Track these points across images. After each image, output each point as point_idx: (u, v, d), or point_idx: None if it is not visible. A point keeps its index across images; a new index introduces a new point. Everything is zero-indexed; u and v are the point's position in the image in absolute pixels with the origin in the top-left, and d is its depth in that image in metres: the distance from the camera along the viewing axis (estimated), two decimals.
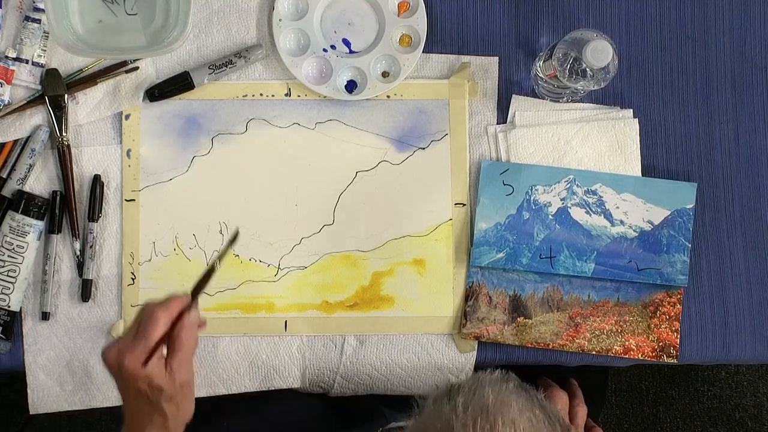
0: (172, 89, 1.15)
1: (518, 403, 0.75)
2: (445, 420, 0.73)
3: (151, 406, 0.92)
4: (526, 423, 0.73)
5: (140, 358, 0.90)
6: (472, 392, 0.76)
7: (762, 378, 1.95)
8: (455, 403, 0.75)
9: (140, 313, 0.94)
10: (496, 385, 0.77)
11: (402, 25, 1.17)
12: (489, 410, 0.73)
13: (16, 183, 1.13)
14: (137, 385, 0.90)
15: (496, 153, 1.18)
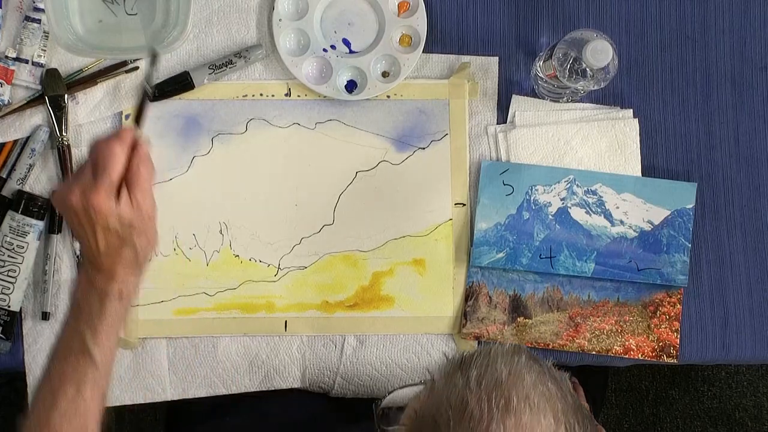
0: (172, 89, 1.15)
1: (531, 377, 0.74)
2: (459, 395, 0.73)
3: (121, 242, 0.90)
4: (540, 396, 0.72)
5: (109, 196, 0.88)
6: (485, 366, 0.75)
7: (762, 378, 1.95)
8: (468, 377, 0.74)
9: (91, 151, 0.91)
10: (509, 358, 0.76)
11: (402, 25, 1.17)
12: (503, 385, 0.73)
13: (16, 183, 1.13)
14: (107, 223, 0.88)
15: (496, 153, 1.18)
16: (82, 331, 0.90)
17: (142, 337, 1.14)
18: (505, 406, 0.71)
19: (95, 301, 0.90)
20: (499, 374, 0.74)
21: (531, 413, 0.71)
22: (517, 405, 0.71)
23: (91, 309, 0.90)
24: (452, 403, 0.72)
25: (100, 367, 0.90)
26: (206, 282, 1.15)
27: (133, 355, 1.15)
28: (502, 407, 0.71)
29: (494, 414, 0.70)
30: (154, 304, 1.15)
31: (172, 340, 1.15)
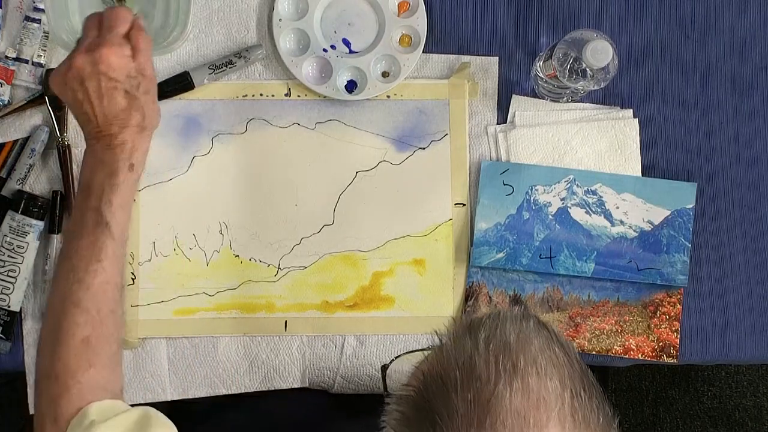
0: (172, 89, 1.15)
1: (539, 341, 0.74)
2: (467, 356, 0.73)
3: (129, 103, 0.90)
4: (547, 360, 0.73)
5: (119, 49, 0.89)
6: (494, 329, 0.75)
7: (762, 378, 1.95)
8: (477, 339, 0.74)
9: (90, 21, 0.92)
10: (517, 322, 0.76)
11: (402, 25, 1.17)
12: (511, 348, 0.73)
13: (16, 183, 1.13)
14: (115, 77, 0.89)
15: (496, 153, 1.18)
16: (96, 206, 0.90)
17: (142, 337, 1.15)
18: (513, 368, 0.71)
19: (106, 177, 0.91)
20: (508, 337, 0.74)
21: (538, 376, 0.71)
22: (524, 368, 0.71)
23: (103, 185, 0.91)
24: (460, 364, 0.72)
25: (116, 237, 0.91)
26: (206, 282, 1.15)
27: (133, 355, 1.15)
28: (509, 369, 0.71)
29: (501, 376, 0.70)
30: (154, 304, 1.15)
31: (172, 340, 1.15)
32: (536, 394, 0.70)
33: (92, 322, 0.90)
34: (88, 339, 0.89)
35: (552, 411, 0.70)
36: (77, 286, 0.90)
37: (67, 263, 0.91)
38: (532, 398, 0.70)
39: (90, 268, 0.90)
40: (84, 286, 0.90)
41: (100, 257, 0.90)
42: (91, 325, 0.90)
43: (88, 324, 0.89)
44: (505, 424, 0.68)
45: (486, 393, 0.70)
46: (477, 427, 0.68)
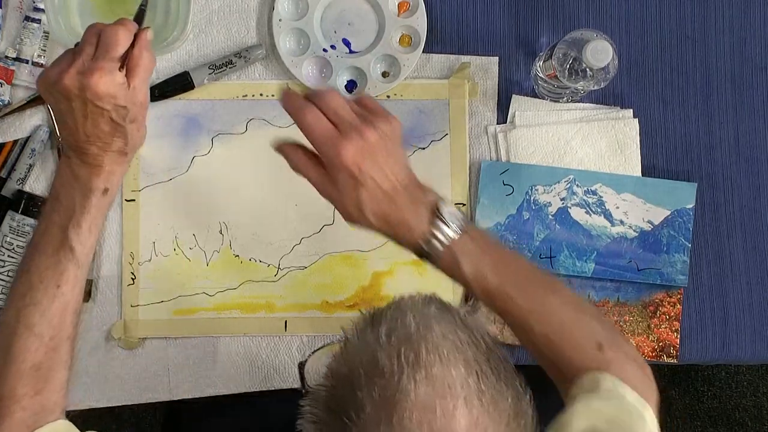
0: (172, 89, 1.15)
1: (440, 327, 0.74)
2: (370, 352, 0.72)
3: (112, 129, 0.88)
4: (450, 346, 0.72)
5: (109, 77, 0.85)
6: (395, 320, 0.75)
7: (762, 378, 1.95)
8: (379, 333, 0.73)
9: (89, 34, 0.88)
10: (418, 310, 0.76)
11: (402, 25, 1.17)
12: (413, 338, 0.72)
13: (16, 183, 1.13)
14: (102, 105, 0.86)
15: (496, 153, 1.18)
16: (64, 225, 0.88)
17: (142, 337, 1.15)
18: (415, 359, 0.71)
19: (78, 195, 0.89)
20: (409, 328, 0.73)
21: (441, 364, 0.71)
22: (426, 358, 0.71)
23: (74, 203, 0.88)
24: (364, 361, 0.72)
25: (81, 263, 0.89)
26: (206, 282, 1.15)
27: (133, 355, 1.15)
28: (412, 361, 0.71)
29: (404, 369, 0.70)
30: (154, 304, 1.15)
31: (172, 340, 1.15)
32: (441, 382, 0.70)
33: (45, 348, 0.88)
34: (39, 366, 0.87)
35: (458, 398, 0.69)
36: (33, 309, 0.88)
37: (25, 278, 0.89)
38: (437, 388, 0.69)
39: (49, 292, 0.88)
40: (40, 310, 0.88)
41: (60, 282, 0.88)
42: (43, 351, 0.88)
43: (40, 350, 0.87)
44: (412, 418, 0.68)
45: (391, 388, 0.69)
46: (385, 423, 0.68)
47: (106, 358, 1.14)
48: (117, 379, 1.14)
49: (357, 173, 0.87)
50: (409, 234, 0.89)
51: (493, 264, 0.89)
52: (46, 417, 0.87)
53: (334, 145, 0.87)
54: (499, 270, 0.89)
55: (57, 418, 0.88)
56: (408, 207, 0.88)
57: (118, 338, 1.14)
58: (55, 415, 0.88)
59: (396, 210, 0.88)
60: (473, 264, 0.88)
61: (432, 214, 0.88)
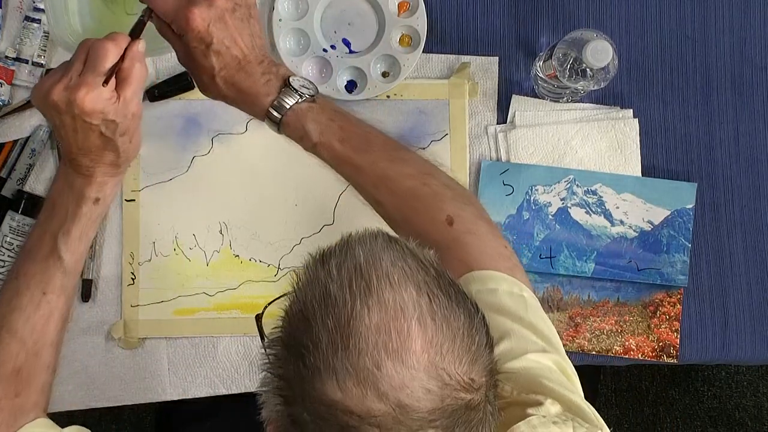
0: (172, 89, 1.15)
1: (389, 255, 0.75)
2: (321, 285, 0.74)
3: (103, 143, 0.88)
4: (400, 273, 0.73)
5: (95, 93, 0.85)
6: (344, 254, 0.76)
7: (762, 378, 1.95)
8: (329, 268, 0.75)
9: (80, 49, 0.88)
10: (366, 243, 0.77)
11: (402, 25, 1.17)
12: (362, 269, 0.73)
13: (16, 183, 1.13)
14: (90, 121, 0.86)
15: (496, 153, 1.18)
16: (54, 233, 0.88)
17: (142, 337, 1.14)
18: (366, 287, 0.72)
19: (71, 203, 0.89)
20: (358, 258, 0.74)
21: (392, 289, 0.72)
22: (377, 284, 0.72)
23: (66, 211, 0.89)
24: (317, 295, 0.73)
25: (69, 271, 0.89)
26: (206, 282, 1.15)
27: (133, 355, 1.15)
28: (363, 289, 0.72)
29: (357, 297, 0.71)
30: (154, 304, 1.15)
31: (172, 340, 1.15)
32: (393, 305, 0.71)
33: (27, 353, 0.88)
34: (19, 370, 0.88)
35: (411, 318, 0.71)
36: (18, 314, 0.88)
37: (13, 284, 0.89)
38: (389, 311, 0.71)
39: (34, 298, 0.88)
40: (24, 316, 0.88)
41: (47, 289, 0.88)
42: (24, 355, 0.88)
43: (21, 354, 0.88)
44: (368, 342, 0.69)
45: (344, 316, 0.71)
46: (343, 349, 0.69)
47: (106, 358, 1.14)
48: (117, 379, 1.14)
49: (206, 36, 0.89)
50: (258, 101, 0.92)
51: (340, 131, 0.92)
52: (25, 417, 0.88)
53: (183, 11, 0.89)
54: (346, 137, 0.92)
55: (36, 417, 0.89)
56: (258, 76, 0.91)
57: (118, 338, 1.14)
58: (34, 414, 0.89)
59: (246, 77, 0.91)
60: (320, 131, 0.91)
61: (282, 83, 0.91)
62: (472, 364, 0.71)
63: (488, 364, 0.73)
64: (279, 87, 0.91)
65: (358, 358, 0.69)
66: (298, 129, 0.93)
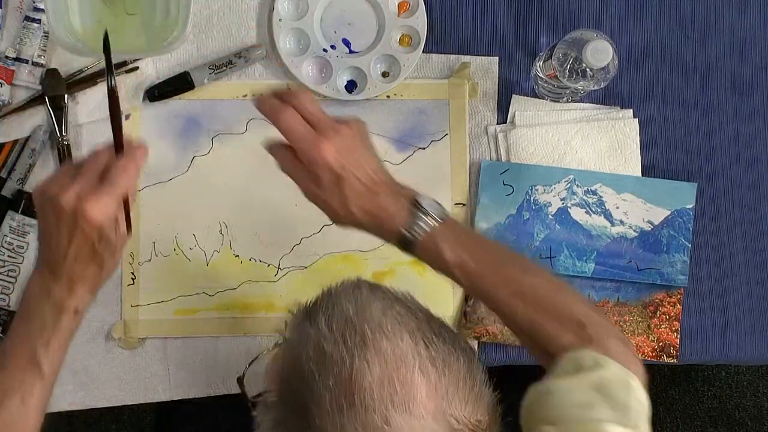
0: (172, 89, 1.15)
1: (378, 305, 0.75)
2: (314, 343, 0.73)
3: (91, 257, 0.86)
4: (392, 321, 0.73)
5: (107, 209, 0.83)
6: (331, 308, 0.75)
7: (762, 378, 1.95)
8: (318, 324, 0.74)
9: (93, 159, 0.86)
10: (350, 295, 0.77)
11: (402, 25, 1.17)
12: (353, 321, 0.73)
13: (16, 183, 1.13)
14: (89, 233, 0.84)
15: (496, 153, 1.18)
16: (33, 342, 0.87)
17: (142, 337, 1.15)
18: (362, 341, 0.72)
19: (49, 313, 0.87)
20: (347, 312, 0.74)
21: (388, 340, 0.72)
22: (372, 336, 0.72)
23: (45, 320, 0.87)
24: (311, 355, 0.73)
25: (46, 379, 0.87)
26: (206, 282, 1.15)
27: (133, 355, 1.15)
28: (358, 344, 0.72)
29: (353, 351, 0.71)
30: (154, 304, 1.15)
31: (172, 340, 1.15)
32: (392, 356, 0.71)
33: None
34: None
35: (413, 367, 0.70)
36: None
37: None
38: (390, 362, 0.70)
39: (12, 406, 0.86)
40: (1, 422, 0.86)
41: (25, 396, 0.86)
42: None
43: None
44: (373, 397, 0.69)
45: (345, 373, 0.70)
46: (348, 408, 0.69)
47: (106, 358, 1.14)
48: (117, 379, 1.14)
49: (339, 169, 0.88)
50: (391, 224, 0.90)
51: (472, 249, 0.90)
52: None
53: (314, 144, 0.88)
54: (478, 255, 0.90)
55: None
56: (388, 199, 0.91)
57: (118, 338, 1.14)
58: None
59: (378, 203, 0.90)
60: (453, 250, 0.89)
61: (411, 204, 0.90)
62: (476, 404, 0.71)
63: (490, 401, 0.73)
64: (408, 208, 0.90)
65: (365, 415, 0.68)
66: (431, 250, 0.90)
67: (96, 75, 1.15)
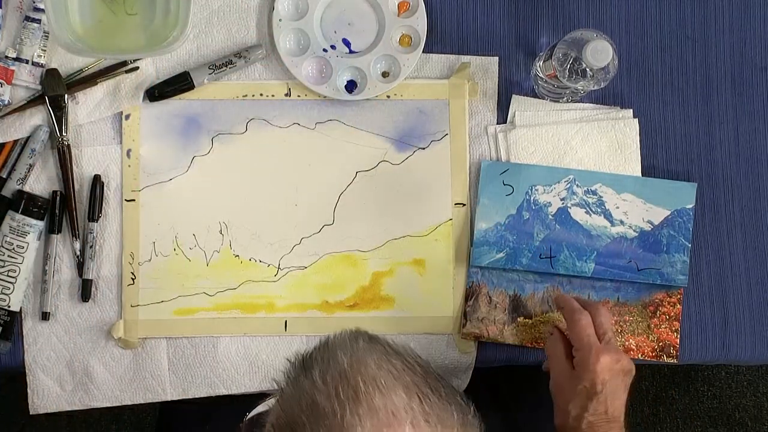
0: (172, 89, 1.15)
1: (374, 359, 0.74)
2: (308, 396, 0.73)
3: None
4: (387, 375, 0.73)
5: None
6: (326, 361, 0.75)
7: (762, 378, 1.95)
8: (313, 377, 0.74)
9: None
10: (347, 346, 0.76)
11: (402, 25, 1.17)
12: (348, 375, 0.73)
13: (16, 183, 1.13)
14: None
15: (496, 153, 1.18)
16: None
17: (142, 337, 1.15)
18: (354, 395, 0.71)
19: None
20: (342, 364, 0.74)
21: (381, 395, 0.71)
22: (365, 390, 0.71)
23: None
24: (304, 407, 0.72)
25: None
26: (206, 282, 1.15)
27: (133, 355, 1.15)
28: (351, 397, 0.71)
29: (346, 405, 0.70)
30: (154, 304, 1.15)
31: (172, 340, 1.15)
32: (384, 412, 0.70)
33: None
34: None
35: (404, 423, 0.70)
36: None
37: None
38: (382, 417, 0.70)
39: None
40: None
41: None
42: None
43: None
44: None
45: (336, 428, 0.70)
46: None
47: (106, 358, 1.14)
48: (117, 379, 1.14)
49: (598, 384, 0.98)
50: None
51: None
52: None
53: (596, 352, 0.99)
54: None
55: None
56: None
57: (118, 338, 1.14)
58: None
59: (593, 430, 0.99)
60: None
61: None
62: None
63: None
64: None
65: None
66: None
67: (96, 75, 1.15)
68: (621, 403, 1.00)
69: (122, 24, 1.14)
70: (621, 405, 1.00)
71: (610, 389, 0.98)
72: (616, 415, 0.99)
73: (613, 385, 0.99)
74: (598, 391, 0.98)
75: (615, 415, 0.99)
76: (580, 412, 0.98)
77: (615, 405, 0.99)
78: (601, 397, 0.98)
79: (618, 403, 0.99)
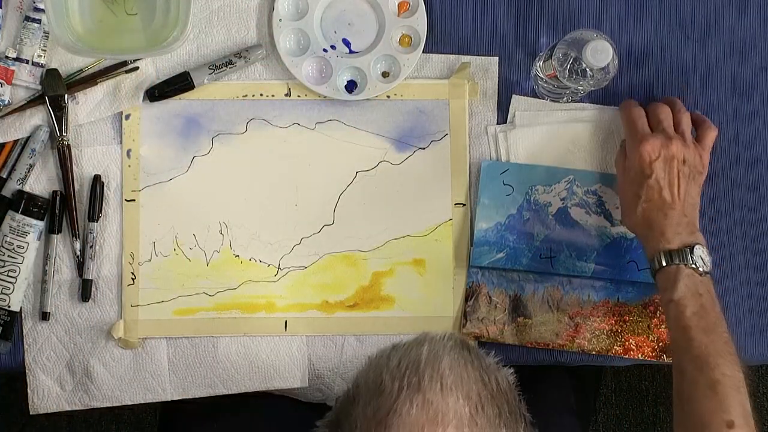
0: (172, 89, 1.15)
1: (450, 358, 0.76)
2: (377, 372, 0.75)
3: None
4: (455, 378, 0.74)
5: None
6: (410, 348, 0.77)
7: (762, 378, 1.95)
8: (390, 358, 0.76)
9: None
10: (435, 342, 0.78)
11: (402, 25, 1.17)
12: (420, 365, 0.74)
13: (16, 183, 1.13)
14: None
15: (496, 153, 1.18)
16: None
17: (142, 337, 1.15)
18: (417, 383, 0.73)
19: None
20: (420, 355, 0.76)
21: (441, 392, 0.72)
22: (428, 384, 0.73)
23: None
24: (370, 381, 0.75)
25: None
26: (206, 282, 1.15)
27: (133, 355, 1.15)
28: (414, 384, 0.73)
29: (404, 390, 0.72)
30: (154, 304, 1.15)
31: (172, 340, 1.15)
32: (434, 408, 0.71)
33: None
34: None
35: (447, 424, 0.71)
36: None
37: None
38: (430, 413, 0.71)
39: None
40: None
41: None
42: None
43: None
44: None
45: (385, 407, 0.71)
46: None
47: (106, 358, 1.14)
48: (117, 379, 1.14)
49: (646, 168, 1.00)
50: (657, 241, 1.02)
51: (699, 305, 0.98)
52: None
53: (641, 136, 1.03)
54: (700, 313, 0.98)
55: None
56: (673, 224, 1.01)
57: (118, 338, 1.14)
58: None
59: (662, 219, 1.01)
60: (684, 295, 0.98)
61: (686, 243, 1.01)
62: None
63: None
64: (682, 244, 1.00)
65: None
66: (669, 281, 1.01)
67: (96, 75, 1.15)
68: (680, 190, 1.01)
69: (122, 24, 1.14)
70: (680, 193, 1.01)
71: (661, 174, 1.01)
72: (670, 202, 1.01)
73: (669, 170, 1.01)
74: (647, 174, 1.01)
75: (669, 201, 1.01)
76: (634, 199, 1.02)
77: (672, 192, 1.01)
78: (651, 181, 1.00)
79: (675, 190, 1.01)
